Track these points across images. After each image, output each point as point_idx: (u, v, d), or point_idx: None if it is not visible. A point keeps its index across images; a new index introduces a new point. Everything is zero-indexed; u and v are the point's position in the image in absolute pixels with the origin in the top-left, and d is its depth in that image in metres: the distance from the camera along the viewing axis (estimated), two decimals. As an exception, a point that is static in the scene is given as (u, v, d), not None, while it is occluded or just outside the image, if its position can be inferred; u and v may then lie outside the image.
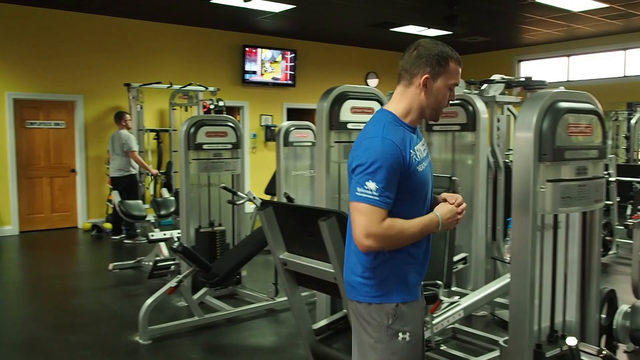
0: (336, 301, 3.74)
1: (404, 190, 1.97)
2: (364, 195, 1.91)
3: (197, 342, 4.39)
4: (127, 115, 8.43)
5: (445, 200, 2.09)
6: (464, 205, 2.08)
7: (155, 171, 8.81)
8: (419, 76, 2.01)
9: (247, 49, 11.12)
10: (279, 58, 11.57)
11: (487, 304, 4.30)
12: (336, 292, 2.68)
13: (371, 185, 1.90)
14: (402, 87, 2.06)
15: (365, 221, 1.91)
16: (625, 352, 4.01)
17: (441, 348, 3.92)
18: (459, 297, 3.77)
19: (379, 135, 1.95)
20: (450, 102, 2.10)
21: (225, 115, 6.50)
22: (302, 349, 3.32)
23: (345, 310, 2.96)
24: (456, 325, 4.20)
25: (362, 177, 1.92)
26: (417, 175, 2.00)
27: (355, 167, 1.95)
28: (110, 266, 6.59)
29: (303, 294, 4.12)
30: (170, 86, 9.57)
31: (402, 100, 2.06)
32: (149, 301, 4.36)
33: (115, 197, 7.05)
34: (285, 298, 4.71)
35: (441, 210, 2.03)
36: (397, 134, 1.98)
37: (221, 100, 9.69)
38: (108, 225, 8.86)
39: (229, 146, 5.30)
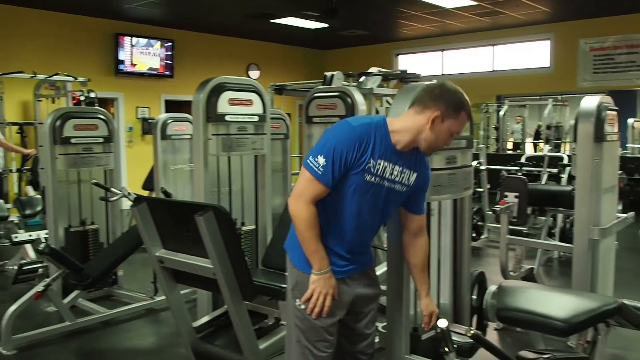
0: (218, 298, 3.67)
1: (345, 185, 2.13)
2: (312, 165, 2.10)
3: (69, 349, 4.14)
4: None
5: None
6: (316, 310, 2.18)
7: (29, 150, 8.15)
8: (431, 110, 2.13)
9: (120, 37, 10.64)
10: (155, 47, 11.17)
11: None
12: (216, 288, 2.63)
13: (321, 159, 2.09)
14: (412, 112, 2.19)
15: (302, 188, 2.12)
16: (495, 329, 4.28)
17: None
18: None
19: (350, 120, 2.15)
20: (446, 146, 2.25)
21: (96, 107, 6.16)
22: (184, 348, 3.24)
23: (226, 306, 2.90)
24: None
25: (317, 149, 2.12)
26: (358, 180, 2.12)
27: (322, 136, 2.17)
28: (-31, 273, 6.06)
29: (184, 291, 4.04)
30: (34, 76, 8.89)
31: (404, 121, 2.19)
32: (12, 308, 4.05)
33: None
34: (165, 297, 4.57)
35: (324, 282, 2.16)
36: (367, 130, 2.11)
37: (92, 91, 9.15)
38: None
39: (100, 140, 5.02)
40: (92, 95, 9.07)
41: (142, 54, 11.02)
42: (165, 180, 5.75)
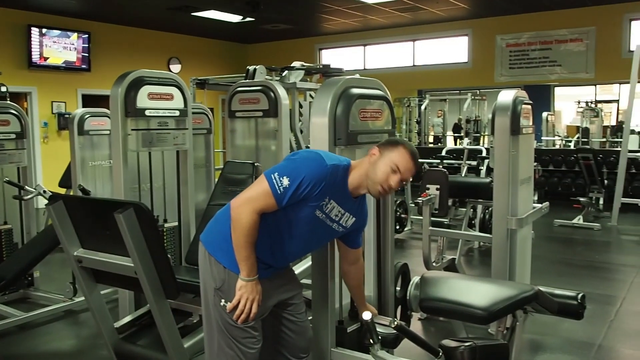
0: (140, 297, 3.57)
1: (294, 210, 2.17)
2: (274, 181, 2.12)
3: (-19, 356, 3.93)
4: None
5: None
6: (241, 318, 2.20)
7: None
8: (372, 149, 2.27)
9: (32, 28, 10.15)
10: (71, 39, 10.72)
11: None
12: (138, 287, 2.57)
13: (285, 181, 2.11)
14: (363, 159, 2.30)
15: (255, 196, 2.13)
16: (419, 319, 4.37)
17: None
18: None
19: (323, 156, 2.19)
20: (396, 189, 2.28)
21: (7, 102, 5.85)
22: (105, 350, 3.14)
23: (149, 305, 2.83)
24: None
25: (285, 169, 2.14)
26: (309, 212, 2.18)
27: (291, 155, 2.25)
28: None
29: (105, 291, 3.91)
30: (-61, 70, 8.39)
31: (359, 168, 2.26)
32: None
33: None
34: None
35: (252, 289, 2.18)
36: (335, 171, 2.18)
37: (3, 85, 8.70)
38: None
39: (12, 136, 4.80)
40: (3, 89, 8.62)
41: (57, 46, 10.56)
42: (83, 178, 5.56)
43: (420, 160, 8.69)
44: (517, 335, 2.40)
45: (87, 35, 10.94)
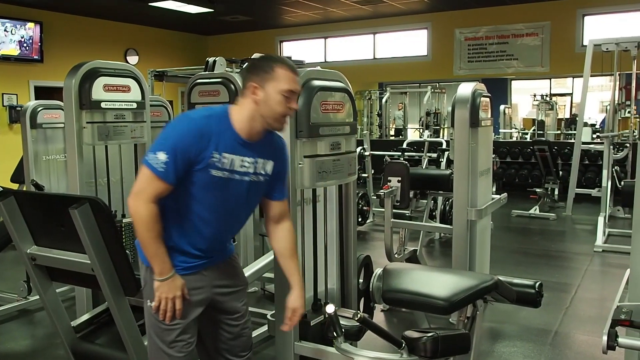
0: (98, 294, 3.49)
1: (191, 181, 2.04)
2: (152, 162, 1.98)
3: None
4: None
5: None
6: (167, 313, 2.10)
7: None
8: (247, 87, 2.06)
9: (-19, 18, 9.81)
10: (22, 29, 10.39)
11: (257, 279, 4.37)
12: (95, 284, 2.50)
13: (161, 156, 1.97)
14: (241, 100, 2.11)
15: (143, 186, 2.01)
16: (382, 311, 4.40)
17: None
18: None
19: (189, 114, 2.10)
20: (295, 109, 2.11)
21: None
22: (62, 350, 3.06)
23: (107, 303, 2.77)
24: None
25: (157, 145, 2.00)
26: (204, 176, 2.03)
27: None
28: None
29: (60, 289, 3.81)
30: None
31: (238, 112, 2.09)
32: None
33: None
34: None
35: (169, 287, 2.07)
36: (207, 122, 2.03)
37: (-49, 77, 8.43)
38: None
39: (-39, 130, 4.63)
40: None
41: (6, 36, 10.22)
42: (37, 172, 5.41)
43: (381, 152, 8.73)
44: (477, 324, 2.43)
45: (39, 25, 10.61)
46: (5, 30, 10.19)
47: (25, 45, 10.52)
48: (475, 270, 3.81)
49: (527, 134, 12.21)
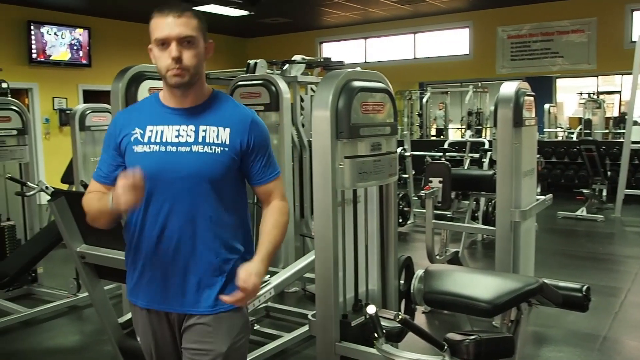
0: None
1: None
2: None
3: (-14, 353, 3.94)
4: None
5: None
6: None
7: None
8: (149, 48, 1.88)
9: (33, 24, 10.11)
10: (71, 35, 10.69)
11: (298, 280, 4.39)
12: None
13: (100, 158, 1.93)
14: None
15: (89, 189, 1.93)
16: (423, 313, 4.36)
17: (255, 328, 3.92)
18: (269, 275, 3.78)
19: None
20: (175, 56, 1.80)
21: (8, 98, 5.86)
22: (109, 345, 3.14)
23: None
24: (269, 303, 4.24)
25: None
26: (130, 157, 1.81)
27: None
28: None
29: (108, 287, 3.90)
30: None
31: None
32: None
33: None
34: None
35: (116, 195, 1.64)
36: (127, 109, 1.99)
37: (4, 81, 8.72)
38: None
39: (14, 132, 4.82)
40: (5, 85, 8.65)
41: (57, 42, 10.53)
42: (85, 173, 5.54)
43: (422, 153, 8.68)
44: (521, 328, 2.39)
45: (87, 31, 10.91)
46: (56, 36, 10.50)
47: (75, 49, 10.82)
48: (519, 273, 3.74)
49: (573, 133, 11.93)
